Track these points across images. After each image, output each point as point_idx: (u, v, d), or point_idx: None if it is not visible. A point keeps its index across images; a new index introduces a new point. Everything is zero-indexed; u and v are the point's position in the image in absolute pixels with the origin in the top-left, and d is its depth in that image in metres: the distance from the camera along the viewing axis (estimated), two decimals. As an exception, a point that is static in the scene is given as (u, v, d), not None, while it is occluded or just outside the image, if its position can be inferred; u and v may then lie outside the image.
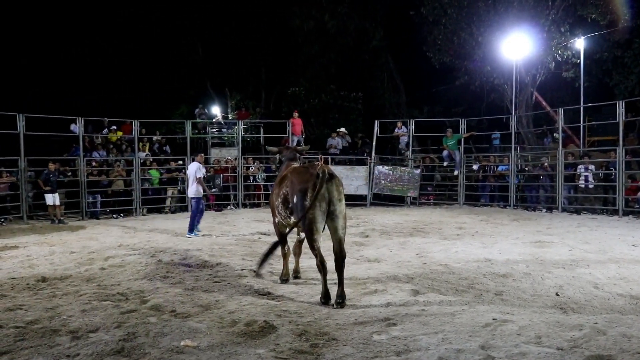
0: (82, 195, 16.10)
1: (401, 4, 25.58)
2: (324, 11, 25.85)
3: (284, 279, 7.13)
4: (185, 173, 15.86)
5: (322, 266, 6.13)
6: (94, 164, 17.19)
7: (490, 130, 22.67)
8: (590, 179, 15.81)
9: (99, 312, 5.68)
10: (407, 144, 19.95)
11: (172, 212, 17.56)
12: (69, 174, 16.64)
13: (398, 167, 19.22)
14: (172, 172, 18.31)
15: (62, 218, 15.09)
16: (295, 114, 20.46)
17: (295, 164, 7.36)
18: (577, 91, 21.17)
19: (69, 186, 16.42)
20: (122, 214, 16.72)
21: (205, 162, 19.26)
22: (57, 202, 15.13)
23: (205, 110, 25.52)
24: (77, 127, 16.75)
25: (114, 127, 19.82)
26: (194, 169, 12.12)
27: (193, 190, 12.08)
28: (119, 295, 6.47)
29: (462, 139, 18.92)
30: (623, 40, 20.69)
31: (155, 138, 20.52)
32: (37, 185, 15.40)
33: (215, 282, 7.13)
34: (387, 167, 19.14)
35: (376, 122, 20.25)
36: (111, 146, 19.12)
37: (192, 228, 11.92)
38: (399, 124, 20.60)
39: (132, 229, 13.39)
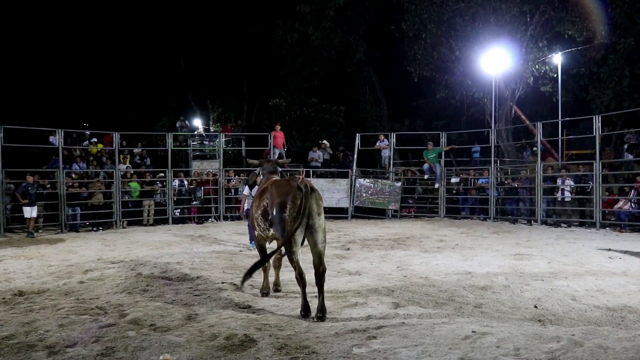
0: (61, 207, 15.92)
1: (383, 18, 25.91)
2: (308, 24, 26.01)
3: (265, 292, 7.13)
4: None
5: (300, 278, 6.13)
6: (73, 176, 17.03)
7: (471, 144, 22.91)
8: (568, 192, 16.03)
9: (77, 327, 5.62)
10: (390, 157, 20.03)
11: (152, 225, 17.40)
12: (48, 186, 16.45)
13: (379, 180, 19.32)
14: (151, 184, 18.18)
15: (31, 230, 14.86)
16: (278, 127, 20.49)
17: (276, 177, 7.37)
18: (555, 105, 21.50)
19: (48, 199, 16.24)
20: (102, 227, 16.54)
21: (186, 174, 19.27)
22: (35, 215, 14.96)
23: (187, 122, 25.49)
24: (57, 139, 16.59)
25: (95, 140, 19.68)
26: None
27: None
28: (98, 309, 6.40)
29: (443, 152, 19.07)
30: (599, 57, 21.09)
31: (136, 150, 20.41)
32: (15, 197, 15.20)
33: (196, 295, 7.08)
34: (368, 180, 19.23)
35: (357, 135, 20.36)
36: (91, 158, 18.97)
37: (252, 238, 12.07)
38: (381, 137, 20.71)
39: (112, 241, 13.26)
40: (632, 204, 14.52)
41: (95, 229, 16.34)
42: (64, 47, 29.00)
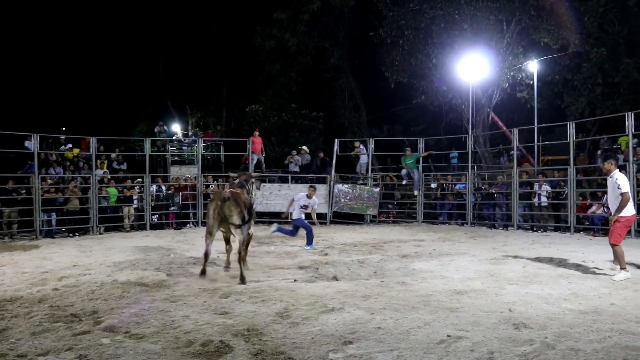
0: (36, 213, 15.70)
1: (362, 25, 26.08)
2: (285, 30, 26.09)
3: (226, 267, 9.53)
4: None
5: (205, 256, 8.62)
6: (49, 181, 16.81)
7: (449, 149, 23.15)
8: (544, 197, 16.27)
9: (50, 335, 5.55)
10: (368, 163, 20.09)
11: (128, 231, 17.24)
12: (23, 191, 16.21)
13: (358, 186, 19.40)
14: (130, 190, 18.02)
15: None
16: (256, 133, 20.48)
17: (239, 190, 9.22)
18: (531, 112, 21.81)
19: (23, 204, 16.00)
20: (78, 233, 16.35)
21: (165, 180, 19.14)
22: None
23: (166, 127, 25.34)
24: (32, 144, 16.37)
25: (70, 145, 19.45)
26: (301, 197, 13.06)
27: (297, 213, 12.91)
28: (72, 316, 6.32)
29: (421, 158, 19.22)
30: (573, 65, 21.46)
31: (113, 155, 20.23)
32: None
33: (172, 302, 7.04)
34: (346, 186, 19.29)
35: (336, 140, 20.42)
36: (68, 163, 18.74)
37: (311, 241, 12.80)
38: (357, 143, 20.75)
39: (88, 248, 13.10)
40: (605, 209, 14.76)
41: (71, 235, 16.15)
42: (40, 51, 28.67)
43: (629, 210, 8.16)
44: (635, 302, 6.74)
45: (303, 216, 13.06)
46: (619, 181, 8.18)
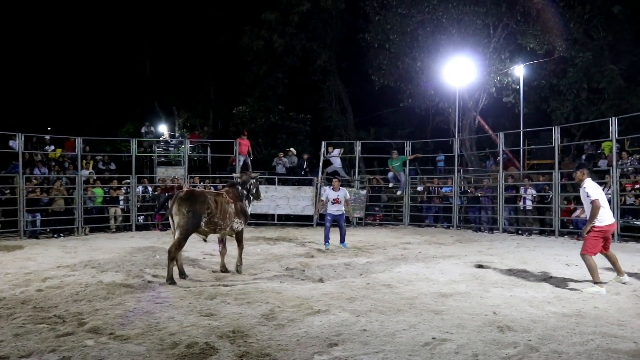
0: (20, 213, 15.54)
1: (349, 28, 26.17)
2: (273, 31, 26.10)
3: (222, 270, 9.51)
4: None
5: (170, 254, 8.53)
6: (34, 181, 16.65)
7: (435, 153, 23.26)
8: (529, 200, 16.40)
9: (33, 336, 5.49)
10: (340, 167, 20.05)
11: (114, 232, 17.12)
12: (7, 191, 16.04)
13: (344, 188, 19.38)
14: (116, 190, 17.91)
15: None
16: (244, 135, 20.44)
17: (225, 190, 9.55)
18: (517, 116, 21.98)
19: (7, 204, 15.84)
20: (63, 234, 16.21)
21: (151, 180, 19.04)
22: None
23: (152, 128, 25.22)
24: (17, 144, 16.21)
25: (53, 147, 19.31)
26: (328, 194, 13.24)
27: (335, 209, 13.17)
28: (56, 317, 6.27)
29: (408, 161, 19.30)
30: (559, 69, 21.69)
31: (98, 157, 20.09)
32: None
33: (157, 303, 7.00)
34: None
35: (323, 142, 20.43)
36: (53, 163, 18.59)
37: (344, 239, 13.23)
38: (330, 149, 20.62)
39: (72, 248, 12.99)
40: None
41: (55, 235, 16.00)
42: (26, 50, 28.41)
43: (604, 219, 7.73)
44: (618, 306, 6.81)
45: (341, 211, 13.17)
46: (588, 189, 7.83)
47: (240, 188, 9.63)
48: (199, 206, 8.58)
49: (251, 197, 9.81)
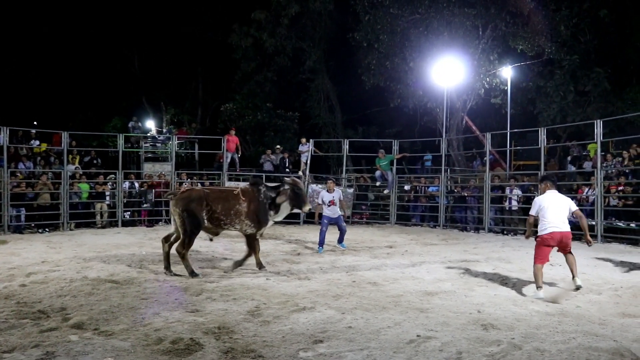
0: (4, 208, 15.37)
1: (339, 27, 26.19)
2: (262, 30, 26.06)
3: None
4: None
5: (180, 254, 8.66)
6: (19, 175, 16.49)
7: (422, 152, 23.35)
8: (515, 201, 16.52)
9: (16, 331, 5.46)
10: (307, 163, 20.10)
11: (100, 228, 17.01)
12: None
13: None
14: (102, 185, 17.78)
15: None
16: (232, 131, 20.39)
17: (246, 187, 9.36)
18: (505, 117, 22.13)
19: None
20: (48, 229, 16.06)
21: (137, 176, 18.94)
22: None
23: (140, 123, 25.10)
24: (2, 137, 16.03)
25: (38, 142, 19.13)
26: (324, 195, 12.79)
27: (331, 212, 12.61)
28: (40, 312, 6.23)
29: (395, 160, 19.35)
30: (546, 72, 21.89)
31: (85, 157, 19.96)
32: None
33: (143, 299, 6.99)
34: (320, 186, 19.29)
35: (311, 140, 20.44)
36: (39, 158, 18.42)
37: (343, 239, 12.88)
38: (303, 140, 20.67)
39: (58, 244, 12.88)
40: (572, 216, 15.03)
41: (40, 230, 15.86)
42: (11, 43, 28.12)
43: (543, 228, 7.85)
44: (599, 305, 6.91)
45: (337, 213, 12.76)
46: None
47: (263, 190, 9.22)
48: (195, 204, 8.56)
49: (282, 202, 9.23)
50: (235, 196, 8.94)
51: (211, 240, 9.60)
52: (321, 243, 12.33)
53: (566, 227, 7.77)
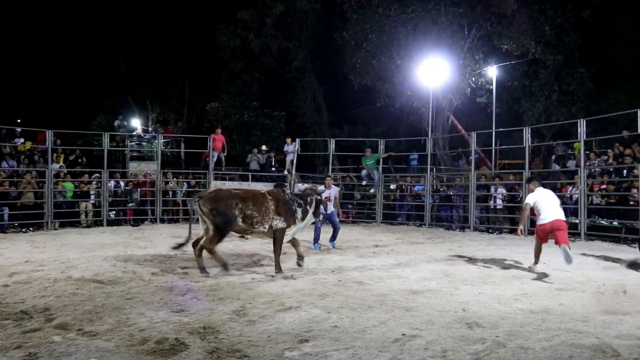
0: (-13, 207, 15.21)
1: (325, 26, 26.20)
2: (249, 31, 26.01)
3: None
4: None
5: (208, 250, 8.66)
6: (2, 174, 16.31)
7: (408, 151, 23.44)
8: (500, 200, 16.64)
9: (-2, 333, 5.40)
10: (293, 162, 20.13)
11: (85, 227, 16.88)
12: (-26, 185, 15.70)
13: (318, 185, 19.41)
14: (87, 184, 17.63)
15: None
16: (218, 130, 20.32)
17: (273, 189, 9.50)
18: (490, 116, 22.30)
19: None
20: (31, 228, 15.90)
21: (123, 175, 18.82)
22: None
23: (125, 122, 24.94)
24: (-15, 136, 15.88)
25: (22, 140, 18.93)
26: (335, 191, 12.85)
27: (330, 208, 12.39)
28: (22, 313, 6.15)
29: (381, 159, 19.40)
30: (531, 71, 22.08)
31: (70, 157, 19.80)
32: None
33: (128, 298, 6.94)
34: (307, 185, 19.28)
35: (297, 140, 20.44)
36: (22, 157, 18.23)
37: (335, 237, 12.81)
38: (288, 140, 20.68)
39: (41, 243, 12.75)
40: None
41: (24, 230, 15.69)
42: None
43: (541, 219, 9.15)
44: (582, 302, 6.98)
45: (332, 209, 12.62)
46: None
47: (288, 192, 9.54)
48: (224, 203, 8.61)
49: (308, 210, 9.50)
50: (263, 195, 9.08)
51: (246, 238, 9.72)
52: (316, 240, 12.37)
53: (561, 215, 9.14)
